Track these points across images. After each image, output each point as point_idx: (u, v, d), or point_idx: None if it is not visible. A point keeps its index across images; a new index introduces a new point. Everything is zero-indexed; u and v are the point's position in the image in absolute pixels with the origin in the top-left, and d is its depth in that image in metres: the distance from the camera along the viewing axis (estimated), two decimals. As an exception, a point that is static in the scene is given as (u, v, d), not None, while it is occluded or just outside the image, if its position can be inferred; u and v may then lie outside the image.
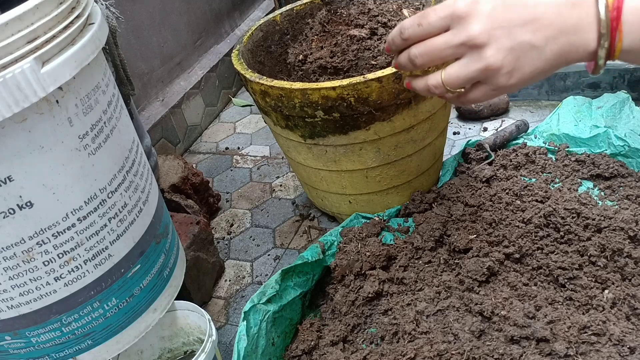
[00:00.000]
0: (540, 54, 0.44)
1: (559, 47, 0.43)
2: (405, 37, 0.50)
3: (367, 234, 0.91)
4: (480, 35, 0.44)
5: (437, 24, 0.47)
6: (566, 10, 0.43)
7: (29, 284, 0.55)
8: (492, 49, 0.44)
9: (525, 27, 0.43)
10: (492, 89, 0.47)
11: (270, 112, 0.92)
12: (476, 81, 0.47)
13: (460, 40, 0.45)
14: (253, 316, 0.75)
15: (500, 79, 0.45)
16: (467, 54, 0.46)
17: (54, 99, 0.50)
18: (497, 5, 0.44)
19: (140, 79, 1.38)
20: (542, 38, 0.43)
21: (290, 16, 1.10)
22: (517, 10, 0.44)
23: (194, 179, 1.14)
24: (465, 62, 0.46)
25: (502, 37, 0.44)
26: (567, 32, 0.43)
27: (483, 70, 0.45)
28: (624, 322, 0.70)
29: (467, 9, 0.45)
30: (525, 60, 0.44)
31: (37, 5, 0.48)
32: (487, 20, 0.44)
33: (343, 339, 0.78)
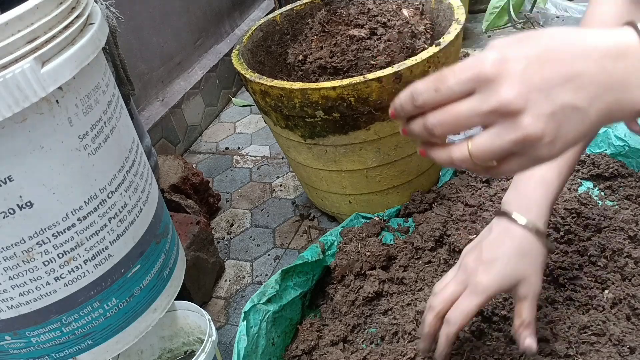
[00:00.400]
0: (584, 117, 0.37)
1: (605, 106, 0.37)
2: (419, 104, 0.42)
3: (367, 234, 0.91)
4: (515, 101, 0.36)
5: (458, 89, 0.39)
6: (610, 63, 0.36)
7: (29, 284, 0.55)
8: (531, 116, 0.36)
9: (565, 86, 0.36)
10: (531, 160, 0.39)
11: (270, 112, 0.92)
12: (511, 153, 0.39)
13: (490, 107, 0.38)
14: (253, 316, 0.75)
15: (541, 150, 0.38)
16: (499, 122, 0.38)
17: (54, 99, 0.50)
18: (530, 62, 0.37)
19: (140, 79, 1.38)
20: (586, 98, 0.36)
21: (290, 16, 1.10)
22: (554, 67, 0.37)
23: (194, 179, 1.14)
24: (498, 132, 0.38)
25: (541, 100, 0.36)
26: (612, 88, 0.36)
27: (521, 142, 0.37)
28: (624, 322, 0.70)
29: (495, 70, 0.37)
30: (568, 126, 0.37)
31: (37, 5, 0.48)
32: (521, 82, 0.36)
33: (343, 339, 0.78)
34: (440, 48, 0.83)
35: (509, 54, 0.37)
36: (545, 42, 0.37)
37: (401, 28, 0.96)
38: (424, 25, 1.00)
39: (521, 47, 0.37)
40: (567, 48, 0.37)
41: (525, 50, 0.37)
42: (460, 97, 0.39)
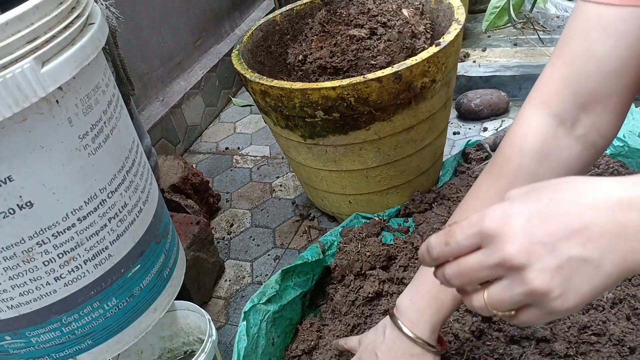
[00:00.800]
0: (597, 269, 0.36)
1: (621, 257, 0.35)
2: (434, 257, 0.44)
3: (367, 234, 0.91)
4: (517, 256, 0.37)
5: (465, 243, 0.40)
6: (622, 214, 0.35)
7: (29, 284, 0.55)
8: (535, 271, 0.36)
9: (572, 239, 0.36)
10: (546, 312, 0.38)
11: (270, 112, 0.92)
12: (526, 304, 0.39)
13: (495, 262, 0.38)
14: (253, 316, 0.75)
15: (553, 304, 0.37)
16: (509, 276, 0.39)
17: (54, 99, 0.50)
18: (532, 217, 0.37)
19: (140, 79, 1.38)
20: (597, 250, 0.35)
21: (290, 16, 1.10)
22: (559, 221, 0.36)
23: (194, 179, 1.14)
24: (508, 285, 0.39)
25: (545, 254, 0.36)
26: (628, 239, 0.35)
27: (529, 295, 0.38)
28: (624, 322, 0.70)
29: (497, 226, 0.38)
30: (579, 279, 0.36)
31: (37, 5, 0.48)
32: (523, 236, 0.37)
33: None
34: (440, 48, 0.83)
35: (511, 209, 0.38)
36: (549, 195, 0.38)
37: (401, 28, 0.96)
38: (424, 25, 1.00)
39: (525, 200, 0.38)
40: (573, 199, 0.37)
41: (529, 204, 0.37)
42: (469, 250, 0.40)
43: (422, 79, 0.83)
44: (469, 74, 1.41)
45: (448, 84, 0.91)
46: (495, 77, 1.39)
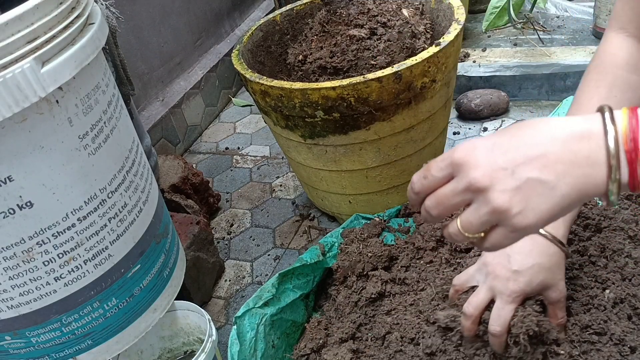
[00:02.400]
0: (553, 190, 0.41)
1: (574, 180, 0.41)
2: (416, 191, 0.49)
3: (368, 234, 0.91)
4: (481, 178, 0.42)
5: (439, 174, 0.46)
6: (575, 144, 0.41)
7: (29, 284, 0.55)
8: (497, 190, 0.42)
9: (531, 164, 0.41)
10: (510, 231, 0.44)
11: (270, 112, 0.92)
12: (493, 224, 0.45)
13: (463, 187, 0.44)
14: (249, 320, 0.75)
15: (514, 220, 0.42)
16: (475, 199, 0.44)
17: (54, 99, 0.50)
18: (494, 147, 0.43)
19: (140, 79, 1.38)
20: (552, 174, 0.41)
21: (290, 16, 1.10)
22: (519, 151, 0.42)
23: (194, 179, 1.14)
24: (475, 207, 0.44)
25: (506, 177, 0.42)
26: (579, 165, 0.40)
27: (492, 213, 0.43)
28: (625, 321, 0.70)
29: (463, 155, 0.44)
30: (538, 199, 0.41)
31: (37, 5, 0.48)
32: (486, 163, 0.42)
33: (352, 336, 0.78)
34: (440, 48, 0.83)
35: (477, 142, 0.44)
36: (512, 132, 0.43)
37: (401, 28, 0.96)
38: (424, 25, 1.00)
39: (491, 136, 0.44)
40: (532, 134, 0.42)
41: (494, 138, 0.43)
42: (444, 182, 0.46)
43: (422, 79, 0.83)
44: (469, 74, 1.41)
45: (448, 84, 0.91)
46: (495, 77, 1.39)
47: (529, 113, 1.32)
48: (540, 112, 1.32)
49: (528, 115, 1.31)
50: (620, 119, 0.40)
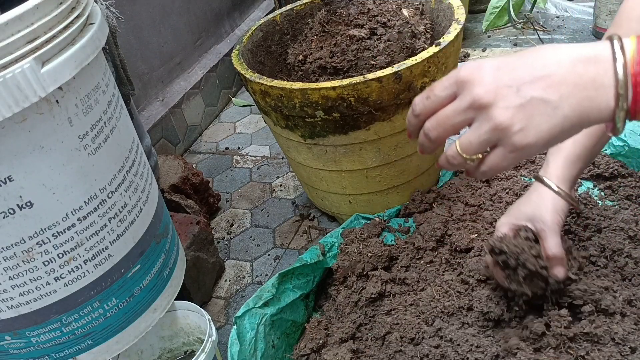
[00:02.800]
0: (555, 110, 0.41)
1: (577, 102, 0.40)
2: (416, 113, 0.49)
3: (369, 234, 0.91)
4: (485, 95, 0.42)
5: (443, 94, 0.46)
6: (581, 67, 0.40)
7: (29, 284, 0.55)
8: (500, 107, 0.42)
9: (536, 84, 0.41)
10: (509, 150, 0.44)
11: (270, 112, 0.92)
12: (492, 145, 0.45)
13: (466, 104, 0.44)
14: (249, 320, 0.75)
15: (514, 138, 0.42)
16: (477, 117, 0.44)
17: (54, 99, 0.50)
18: (501, 66, 0.43)
19: (140, 79, 1.38)
20: (556, 94, 0.41)
21: (290, 16, 1.10)
22: (525, 70, 0.42)
23: (194, 179, 1.14)
24: (476, 126, 0.44)
25: (510, 95, 0.42)
26: (584, 87, 0.40)
27: (493, 130, 0.43)
28: (627, 322, 0.70)
29: (469, 73, 0.44)
30: (540, 118, 0.41)
31: (37, 5, 0.48)
32: (492, 81, 0.43)
33: (352, 336, 0.78)
34: (440, 48, 0.83)
35: (484, 62, 0.44)
36: (519, 55, 0.43)
37: (401, 28, 0.96)
38: (424, 25, 1.00)
39: (497, 57, 0.44)
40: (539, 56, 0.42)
41: (500, 59, 0.44)
42: (447, 102, 0.46)
43: (422, 79, 0.83)
44: (469, 74, 1.40)
45: (448, 84, 0.91)
46: (495, 77, 1.39)
47: (529, 113, 1.32)
48: (540, 112, 1.32)
49: (528, 115, 1.31)
50: (629, 46, 0.40)
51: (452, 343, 0.71)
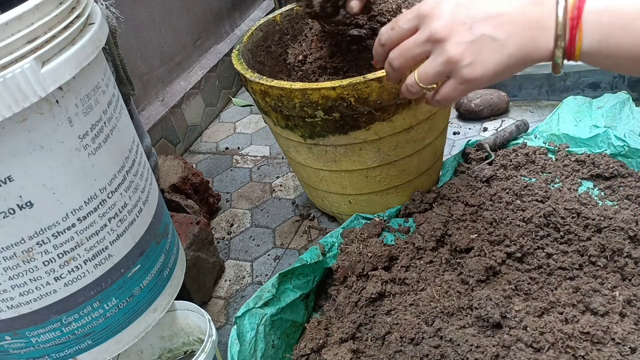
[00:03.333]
0: (502, 48, 0.45)
1: (522, 41, 0.45)
2: (382, 42, 0.53)
3: (369, 234, 0.91)
4: (441, 30, 0.47)
5: (406, 26, 0.50)
6: (529, 7, 0.44)
7: (29, 284, 0.55)
8: (453, 42, 0.46)
9: (487, 22, 0.45)
10: (459, 82, 0.48)
11: (270, 112, 0.92)
12: (445, 76, 0.49)
13: (425, 37, 0.48)
14: (249, 320, 0.75)
15: (463, 71, 0.47)
16: (434, 50, 0.48)
17: (54, 99, 0.50)
18: (459, 3, 0.47)
19: (140, 79, 1.38)
20: (504, 32, 0.45)
21: (290, 16, 1.10)
22: (480, 8, 0.46)
23: (194, 179, 1.14)
24: (432, 58, 0.49)
25: (463, 31, 0.46)
26: (529, 27, 0.44)
27: (446, 63, 0.47)
28: (627, 322, 0.70)
29: (430, 8, 0.48)
30: (487, 54, 0.46)
31: (37, 5, 0.48)
32: (449, 16, 0.47)
33: (352, 336, 0.78)
34: (440, 48, 0.83)
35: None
36: None
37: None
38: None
39: None
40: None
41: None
42: (409, 34, 0.50)
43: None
44: (469, 73, 1.41)
45: (448, 84, 0.91)
46: (495, 77, 1.39)
47: (529, 113, 1.32)
48: (540, 112, 1.32)
49: (528, 115, 1.31)
50: None
51: (452, 343, 0.72)
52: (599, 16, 0.42)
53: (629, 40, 0.42)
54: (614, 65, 0.45)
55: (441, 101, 0.52)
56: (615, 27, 0.42)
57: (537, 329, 0.70)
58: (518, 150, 1.07)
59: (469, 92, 0.50)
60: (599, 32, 0.43)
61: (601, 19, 0.42)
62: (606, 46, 0.43)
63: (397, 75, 0.54)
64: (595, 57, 0.44)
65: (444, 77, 0.50)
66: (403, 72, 0.53)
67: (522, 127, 1.16)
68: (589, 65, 0.46)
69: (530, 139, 1.14)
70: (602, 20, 0.42)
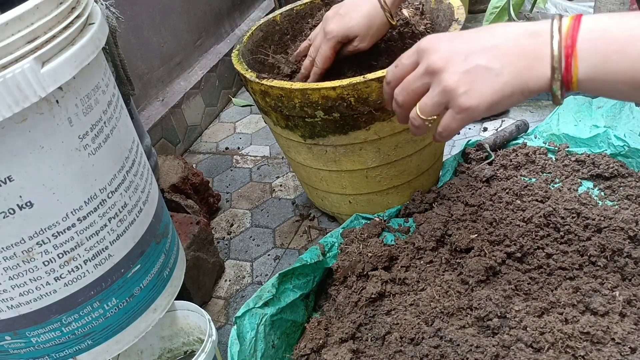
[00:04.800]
0: (497, 77, 0.46)
1: (517, 70, 0.46)
2: (388, 81, 0.57)
3: (369, 234, 0.91)
4: (437, 61, 0.49)
5: (407, 61, 0.54)
6: (524, 39, 0.46)
7: (29, 284, 0.55)
8: (449, 72, 0.48)
9: (482, 53, 0.47)
10: (456, 112, 0.49)
11: (270, 112, 0.92)
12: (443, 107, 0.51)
13: (423, 69, 0.51)
14: (249, 320, 0.75)
15: (459, 100, 0.48)
16: (432, 82, 0.50)
17: (54, 99, 0.50)
18: (455, 38, 0.50)
19: (140, 79, 1.38)
20: (499, 62, 0.46)
21: (290, 16, 1.10)
22: (475, 41, 0.48)
23: (194, 179, 1.14)
24: (431, 90, 0.51)
25: (459, 61, 0.48)
26: (524, 57, 0.46)
27: (442, 92, 0.49)
28: (627, 322, 0.70)
29: (428, 43, 0.51)
30: (482, 83, 0.47)
31: (37, 5, 0.48)
32: (445, 49, 0.49)
33: (352, 336, 0.78)
34: (440, 48, 0.83)
35: (442, 35, 0.51)
36: (475, 29, 0.50)
37: (401, 28, 0.96)
38: (424, 25, 1.00)
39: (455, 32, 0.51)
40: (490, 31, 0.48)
41: (457, 32, 0.51)
42: (411, 69, 0.53)
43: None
44: (469, 73, 1.41)
45: (448, 84, 0.91)
46: (495, 77, 1.39)
47: (529, 113, 1.32)
48: (540, 112, 1.32)
49: (528, 115, 1.31)
50: (565, 24, 0.45)
51: (452, 343, 0.72)
52: (593, 43, 0.43)
53: (624, 65, 0.42)
54: (614, 91, 0.44)
55: (443, 133, 0.53)
56: (610, 53, 0.42)
57: (537, 329, 0.70)
58: (518, 150, 1.07)
59: (468, 122, 0.51)
60: (594, 58, 0.43)
61: (596, 46, 0.43)
62: (603, 72, 0.43)
63: (403, 112, 0.56)
64: (594, 84, 0.44)
65: (442, 107, 0.51)
66: (407, 107, 0.55)
67: (522, 127, 1.16)
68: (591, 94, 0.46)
69: (530, 139, 1.14)
70: (597, 47, 0.43)
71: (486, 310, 0.73)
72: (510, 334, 0.71)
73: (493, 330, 0.73)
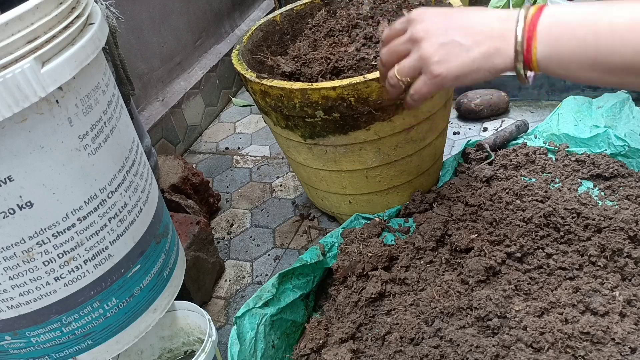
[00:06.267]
0: (467, 52, 0.53)
1: (486, 49, 0.53)
2: (383, 39, 0.64)
3: (369, 234, 0.91)
4: (420, 31, 0.56)
5: (399, 27, 0.61)
6: (496, 22, 0.53)
7: (29, 284, 0.55)
8: (428, 42, 0.55)
9: (459, 30, 0.54)
10: (428, 77, 0.56)
11: (270, 112, 0.92)
12: (418, 72, 0.58)
13: (408, 36, 0.58)
14: (249, 320, 0.75)
15: (432, 67, 0.55)
16: (413, 48, 0.58)
17: (54, 99, 0.50)
18: (440, 14, 0.56)
19: (140, 79, 1.38)
20: (471, 40, 0.53)
21: (290, 16, 1.10)
22: (456, 20, 0.55)
23: (194, 179, 1.14)
24: (411, 54, 0.58)
25: (438, 35, 0.55)
26: (493, 37, 0.52)
27: (419, 59, 0.57)
28: (627, 322, 0.70)
29: (417, 15, 0.58)
30: (454, 56, 0.54)
31: (37, 5, 0.48)
32: (429, 22, 0.56)
33: (352, 336, 0.78)
34: (440, 48, 0.83)
35: (431, 9, 0.58)
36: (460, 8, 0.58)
37: (401, 28, 0.96)
38: (424, 25, 1.00)
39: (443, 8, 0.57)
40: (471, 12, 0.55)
41: (444, 8, 0.58)
42: (400, 33, 0.60)
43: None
44: (469, 73, 1.41)
45: (448, 84, 0.91)
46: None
47: (529, 113, 1.32)
48: (540, 112, 1.32)
49: (528, 115, 1.31)
50: (531, 11, 0.51)
51: (452, 343, 0.72)
52: (549, 27, 0.50)
53: (572, 44, 0.48)
54: (566, 71, 0.50)
55: (414, 95, 0.60)
56: (562, 35, 0.49)
57: (537, 329, 0.70)
58: (518, 150, 1.07)
59: (438, 89, 0.58)
60: (548, 41, 0.49)
61: (551, 29, 0.50)
62: (557, 52, 0.49)
63: (385, 70, 0.63)
64: (550, 65, 0.50)
65: (417, 71, 0.58)
66: (389, 67, 0.62)
67: (522, 127, 1.16)
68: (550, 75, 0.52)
69: (530, 139, 1.13)
70: (552, 30, 0.49)
71: (486, 310, 0.73)
72: (510, 334, 0.71)
73: (493, 330, 0.73)
